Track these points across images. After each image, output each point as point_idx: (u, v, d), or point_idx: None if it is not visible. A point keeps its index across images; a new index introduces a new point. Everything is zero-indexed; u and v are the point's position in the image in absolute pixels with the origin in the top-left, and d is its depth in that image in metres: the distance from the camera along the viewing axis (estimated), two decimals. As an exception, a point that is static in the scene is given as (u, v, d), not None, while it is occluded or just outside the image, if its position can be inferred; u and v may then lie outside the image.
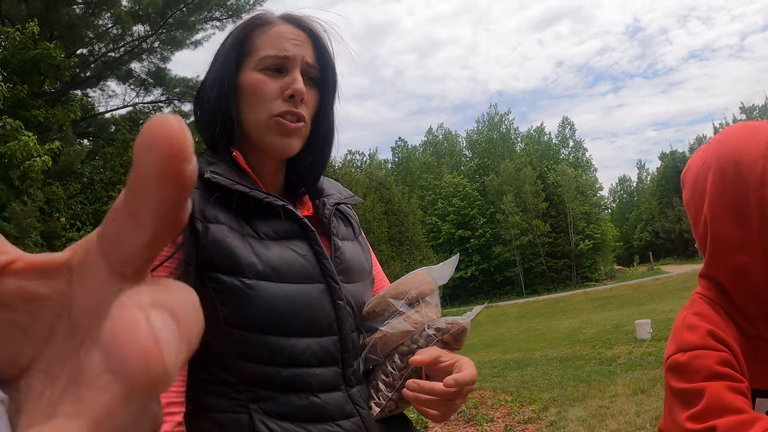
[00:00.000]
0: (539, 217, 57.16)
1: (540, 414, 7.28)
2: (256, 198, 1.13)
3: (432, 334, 1.19)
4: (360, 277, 1.28)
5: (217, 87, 1.22)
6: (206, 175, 1.11)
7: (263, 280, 1.08)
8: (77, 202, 16.26)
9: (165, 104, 22.85)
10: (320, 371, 1.13)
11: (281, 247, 1.14)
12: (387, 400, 1.18)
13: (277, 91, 1.18)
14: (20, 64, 15.47)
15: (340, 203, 1.34)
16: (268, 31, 1.22)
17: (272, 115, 1.18)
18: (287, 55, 1.19)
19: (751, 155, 1.13)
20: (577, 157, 77.17)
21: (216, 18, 21.49)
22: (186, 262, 1.06)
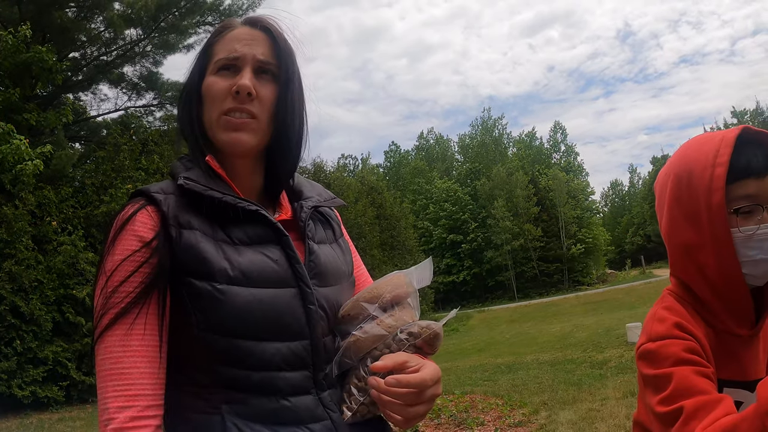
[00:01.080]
0: (531, 221, 57.24)
1: (530, 417, 7.31)
2: (227, 203, 1.15)
3: (404, 338, 1.19)
4: (336, 280, 1.28)
5: (185, 95, 1.28)
6: (179, 181, 1.16)
7: (234, 285, 1.10)
8: (69, 205, 16.19)
9: (157, 108, 22.84)
10: (290, 375, 1.14)
11: (254, 252, 1.16)
12: (359, 405, 1.18)
13: (226, 89, 1.21)
14: (12, 67, 15.42)
15: (318, 206, 1.35)
16: (225, 36, 1.26)
17: (221, 113, 1.21)
18: (237, 55, 1.22)
19: (700, 164, 1.27)
20: (569, 162, 77.32)
21: (208, 22, 21.46)
22: (160, 265, 1.09)
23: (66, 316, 14.65)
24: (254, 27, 1.27)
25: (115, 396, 1.03)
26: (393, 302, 1.23)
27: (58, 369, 14.22)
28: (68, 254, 14.82)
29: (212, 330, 1.09)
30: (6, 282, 13.56)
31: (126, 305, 1.07)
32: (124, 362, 1.05)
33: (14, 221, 13.92)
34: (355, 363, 1.21)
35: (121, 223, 1.13)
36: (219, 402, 1.10)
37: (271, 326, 1.12)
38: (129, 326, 1.07)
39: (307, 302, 1.17)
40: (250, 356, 1.10)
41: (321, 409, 1.16)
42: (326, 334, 1.21)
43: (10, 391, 13.18)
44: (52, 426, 11.85)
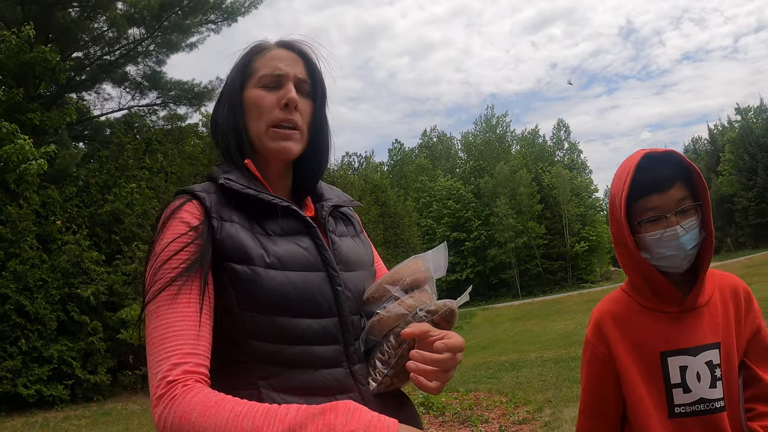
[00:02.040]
0: (534, 219, 57.25)
1: (535, 415, 7.32)
2: (263, 200, 1.31)
3: (423, 315, 1.30)
4: (359, 267, 1.45)
5: (226, 106, 1.44)
6: (220, 181, 1.31)
7: (270, 269, 1.25)
8: (73, 205, 16.23)
9: (160, 107, 22.87)
10: (322, 349, 1.27)
11: (287, 241, 1.31)
12: (383, 377, 1.31)
13: (274, 102, 1.39)
14: (16, 67, 15.45)
15: (337, 206, 1.53)
16: (265, 55, 1.45)
17: (270, 124, 1.39)
18: (281, 73, 1.41)
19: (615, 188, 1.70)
20: (572, 159, 77.24)
21: (211, 21, 21.49)
22: (203, 247, 1.23)
23: (71, 315, 14.70)
24: (291, 50, 1.46)
25: (169, 355, 1.13)
26: (412, 285, 1.37)
27: (63, 368, 14.27)
28: (73, 253, 14.86)
29: (251, 308, 1.23)
30: (11, 281, 13.61)
31: (176, 275, 1.19)
32: (175, 327, 1.16)
33: (19, 221, 13.97)
34: (379, 339, 1.34)
35: (169, 212, 1.29)
36: (255, 378, 1.23)
37: (303, 305, 1.26)
38: (174, 296, 1.19)
39: (335, 284, 1.32)
40: (284, 331, 1.24)
41: (351, 381, 1.29)
42: (354, 312, 1.36)
43: (16, 390, 13.24)
44: (57, 425, 11.90)
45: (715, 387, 1.62)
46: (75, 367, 14.38)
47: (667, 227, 1.62)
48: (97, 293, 14.98)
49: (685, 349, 1.65)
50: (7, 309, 13.44)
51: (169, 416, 1.06)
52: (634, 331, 1.72)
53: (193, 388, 1.09)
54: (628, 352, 1.72)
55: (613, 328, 1.76)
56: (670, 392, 1.65)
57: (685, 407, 1.64)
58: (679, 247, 1.62)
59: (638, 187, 1.64)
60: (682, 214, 1.63)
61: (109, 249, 16.44)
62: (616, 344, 1.74)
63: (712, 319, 1.67)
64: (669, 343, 1.67)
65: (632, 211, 1.68)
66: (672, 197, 1.63)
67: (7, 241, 13.89)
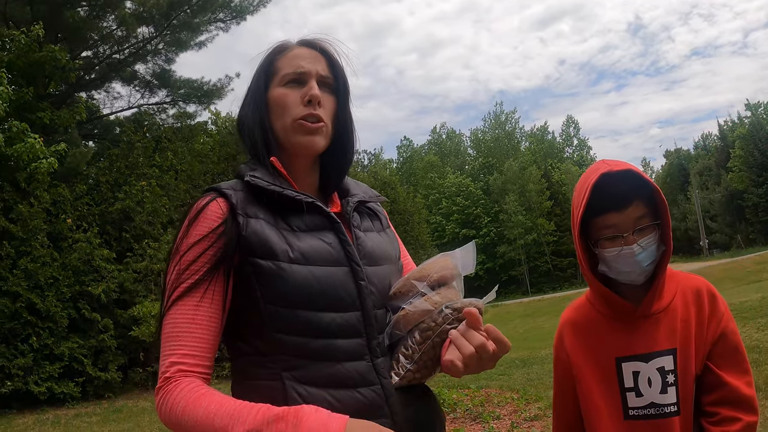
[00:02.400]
0: (544, 215, 57.13)
1: (546, 411, 7.28)
2: (288, 196, 1.34)
3: (449, 313, 1.30)
4: (384, 261, 1.46)
5: (252, 105, 1.48)
6: (246, 178, 1.35)
7: (294, 264, 1.27)
8: (83, 203, 16.29)
9: (170, 105, 22.91)
10: (344, 342, 1.29)
11: (311, 237, 1.34)
12: (406, 371, 1.31)
13: (298, 99, 1.42)
14: (25, 66, 15.50)
15: (362, 201, 1.54)
16: (287, 54, 1.48)
17: (295, 119, 1.41)
18: (303, 70, 1.44)
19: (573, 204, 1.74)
20: (582, 156, 77.06)
21: (220, 19, 21.52)
22: (226, 246, 1.27)
23: (82, 312, 14.76)
24: (312, 48, 1.49)
25: (170, 354, 1.23)
26: (439, 282, 1.37)
27: (74, 365, 14.33)
28: (83, 251, 14.91)
29: (275, 302, 1.26)
30: (22, 279, 13.67)
31: (194, 282, 1.26)
32: (181, 327, 1.25)
33: (29, 219, 14.03)
34: (403, 334, 1.35)
35: (195, 212, 1.33)
36: (280, 369, 1.26)
37: (326, 299, 1.28)
38: (192, 298, 1.26)
39: (358, 278, 1.34)
40: (308, 325, 1.26)
41: (373, 374, 1.30)
42: (378, 306, 1.37)
43: (27, 387, 13.31)
44: (69, 422, 11.93)
45: (667, 392, 1.65)
46: (86, 365, 14.45)
47: (624, 245, 1.65)
48: (108, 291, 15.04)
49: (638, 355, 1.70)
50: (19, 307, 13.50)
51: (163, 408, 1.21)
52: (591, 337, 1.79)
53: (181, 384, 1.21)
54: (585, 358, 1.78)
55: (572, 335, 1.84)
56: (625, 396, 1.70)
57: (637, 410, 1.68)
58: (635, 264, 1.66)
59: (596, 205, 1.66)
60: (640, 232, 1.66)
61: (119, 247, 16.50)
62: (574, 350, 1.81)
63: (669, 325, 1.70)
64: (623, 350, 1.72)
65: (591, 228, 1.73)
66: (629, 216, 1.66)
67: (18, 239, 13.96)
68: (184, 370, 1.22)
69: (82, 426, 11.38)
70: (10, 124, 13.80)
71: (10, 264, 13.79)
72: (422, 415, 1.38)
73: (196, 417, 1.15)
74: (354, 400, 1.25)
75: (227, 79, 22.46)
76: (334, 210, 1.48)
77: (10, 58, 15.09)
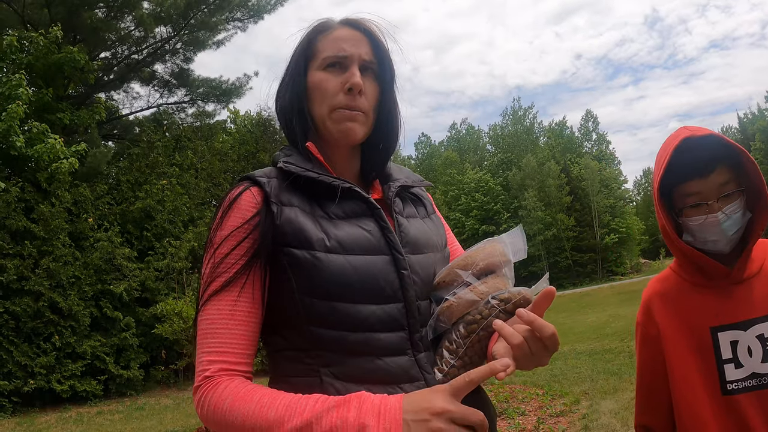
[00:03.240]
0: (563, 211, 56.80)
1: (572, 407, 7.21)
2: (324, 182, 1.27)
3: (496, 304, 1.21)
4: (428, 249, 1.36)
5: (290, 88, 1.40)
6: (279, 164, 1.30)
7: (331, 253, 1.20)
8: (104, 202, 16.40)
9: (189, 105, 23.02)
10: (385, 336, 1.21)
11: (350, 224, 1.26)
12: (450, 367, 1.22)
13: (338, 86, 1.33)
14: (44, 68, 15.64)
15: (405, 186, 1.46)
16: (329, 35, 1.38)
17: (333, 108, 1.32)
18: (345, 54, 1.34)
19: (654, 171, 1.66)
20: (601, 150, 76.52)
21: (237, 18, 21.58)
22: (262, 237, 1.21)
23: (104, 311, 14.86)
24: (355, 29, 1.38)
25: (209, 352, 1.18)
26: (486, 270, 1.27)
27: (96, 363, 14.44)
28: (105, 250, 15.01)
29: (311, 294, 1.19)
30: (44, 279, 13.77)
31: (230, 276, 1.21)
32: (218, 324, 1.19)
33: (51, 219, 14.13)
34: (448, 327, 1.25)
35: (228, 202, 1.26)
36: (317, 365, 1.20)
37: (366, 290, 1.20)
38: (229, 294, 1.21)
39: (400, 268, 1.25)
40: (346, 317, 1.19)
41: (416, 369, 1.22)
42: (421, 298, 1.28)
43: (50, 386, 13.42)
44: (91, 419, 12.01)
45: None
46: (108, 363, 14.55)
47: (708, 213, 1.58)
48: (129, 289, 15.14)
49: (735, 324, 1.60)
50: (41, 306, 13.61)
51: (205, 405, 1.15)
52: (683, 309, 1.69)
53: (223, 382, 1.15)
54: (677, 330, 1.68)
55: (662, 308, 1.73)
56: (722, 368, 1.60)
57: (737, 383, 1.58)
58: (720, 233, 1.59)
59: (678, 172, 1.60)
60: (725, 199, 1.58)
61: (140, 245, 16.60)
62: (664, 324, 1.71)
63: (763, 290, 1.61)
64: (718, 318, 1.62)
65: (674, 196, 1.67)
66: (713, 182, 1.58)
67: (40, 239, 14.06)
68: (226, 369, 1.17)
69: (105, 423, 11.44)
70: (30, 126, 13.93)
71: (33, 263, 13.89)
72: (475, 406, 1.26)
73: (247, 412, 1.09)
74: None
75: (245, 78, 22.56)
76: (376, 196, 1.40)
77: (29, 60, 15.23)
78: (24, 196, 14.14)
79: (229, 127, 25.06)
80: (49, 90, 15.55)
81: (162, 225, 16.72)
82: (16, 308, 13.37)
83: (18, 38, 14.92)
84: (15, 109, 13.15)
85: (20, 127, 13.65)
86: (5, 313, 13.34)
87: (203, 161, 19.23)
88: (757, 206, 1.60)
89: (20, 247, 13.83)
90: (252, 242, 1.21)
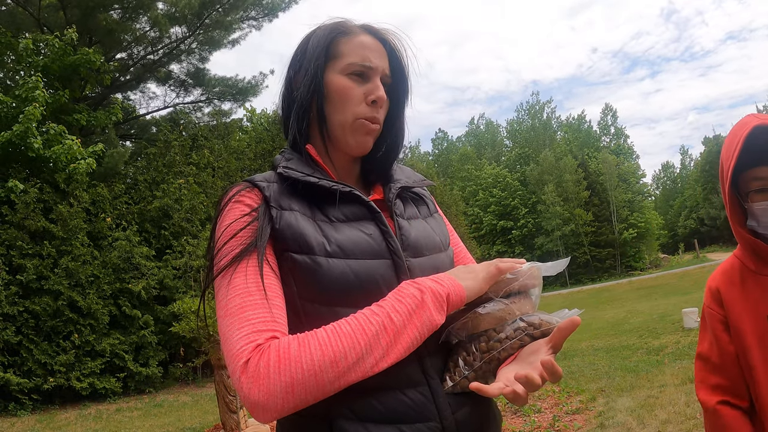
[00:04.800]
0: (581, 206, 56.46)
1: (588, 404, 7.18)
2: (323, 186, 1.26)
3: (523, 326, 1.20)
4: (430, 251, 1.35)
5: (305, 86, 1.36)
6: (279, 170, 1.29)
7: (332, 258, 1.19)
8: (122, 202, 16.51)
9: (205, 104, 23.13)
10: None
11: (351, 228, 1.26)
12: (462, 378, 1.21)
13: (362, 96, 1.33)
14: (60, 70, 15.77)
15: (405, 187, 1.44)
16: (352, 40, 1.36)
17: (357, 117, 1.32)
18: (371, 65, 1.34)
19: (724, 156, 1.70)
20: (619, 144, 76.02)
21: (252, 17, 21.64)
22: (260, 229, 1.21)
23: (122, 309, 14.96)
24: (378, 39, 1.38)
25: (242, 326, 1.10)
26: (518, 290, 1.26)
27: (115, 361, 14.55)
28: (123, 249, 15.11)
29: (312, 299, 1.18)
30: (63, 278, 13.89)
31: (242, 250, 1.18)
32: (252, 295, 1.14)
33: (69, 219, 14.24)
34: (463, 337, 1.24)
35: (227, 198, 1.27)
36: None
37: (367, 295, 1.19)
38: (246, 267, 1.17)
39: (401, 272, 1.24)
40: None
41: (420, 374, 1.21)
42: None
43: (69, 383, 13.54)
44: (110, 417, 12.11)
45: None
46: (127, 360, 14.65)
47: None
48: (147, 288, 15.23)
49: None
50: (60, 305, 13.73)
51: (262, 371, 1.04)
52: (744, 295, 1.74)
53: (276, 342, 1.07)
54: (741, 317, 1.73)
55: (727, 293, 1.78)
56: None
57: None
58: None
59: (747, 157, 1.65)
60: None
61: (158, 244, 16.69)
62: (732, 308, 1.75)
63: None
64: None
65: (741, 182, 1.72)
66: None
67: (58, 239, 14.18)
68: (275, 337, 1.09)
69: (124, 420, 11.53)
70: (47, 127, 14.06)
71: (52, 263, 14.02)
72: (476, 416, 1.27)
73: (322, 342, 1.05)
74: (399, 403, 1.16)
75: (261, 77, 22.64)
76: (376, 197, 1.40)
77: (45, 62, 15.36)
78: (42, 197, 14.26)
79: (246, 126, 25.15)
80: (65, 92, 15.68)
81: (179, 224, 16.81)
82: (35, 307, 13.50)
83: (34, 41, 15.05)
84: (32, 111, 13.28)
85: (38, 128, 13.78)
86: (25, 312, 13.47)
87: (220, 160, 19.30)
88: None
89: (39, 247, 13.96)
90: (251, 232, 1.20)
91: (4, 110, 13.85)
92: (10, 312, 13.15)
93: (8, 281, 13.34)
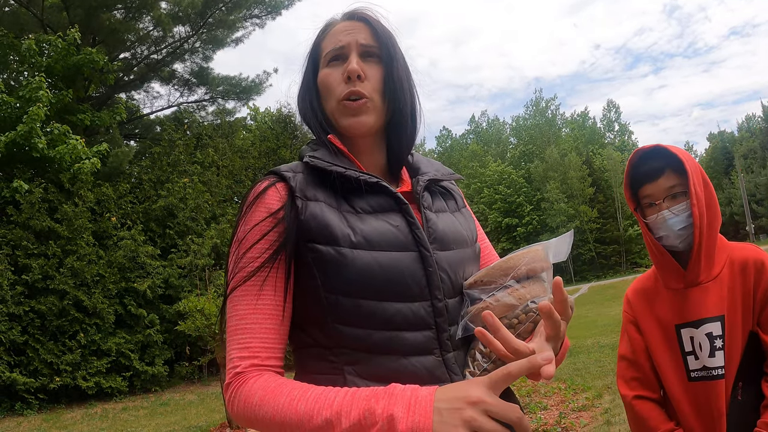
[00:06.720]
0: (586, 202, 56.38)
1: (594, 401, 7.15)
2: (350, 176, 1.24)
3: (534, 309, 1.18)
4: (458, 245, 1.33)
5: (303, 90, 1.42)
6: (305, 159, 1.27)
7: (357, 249, 1.18)
8: (127, 201, 16.53)
9: (209, 103, 23.16)
10: (411, 335, 1.18)
11: (377, 219, 1.23)
12: (482, 371, 1.19)
13: (340, 77, 1.32)
14: (64, 70, 15.79)
15: (434, 179, 1.42)
16: (329, 32, 1.39)
17: (339, 100, 1.32)
18: (342, 44, 1.34)
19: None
20: (623, 141, 75.86)
21: (255, 15, 21.63)
22: (286, 231, 1.20)
23: (128, 308, 15.00)
24: (353, 19, 1.38)
25: (240, 348, 1.16)
26: (527, 275, 1.23)
27: (121, 360, 14.58)
28: (128, 248, 15.14)
29: (336, 291, 1.17)
30: (69, 277, 13.92)
31: (253, 269, 1.19)
32: (248, 319, 1.18)
33: (74, 218, 14.27)
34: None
35: (253, 197, 1.25)
36: (342, 363, 1.18)
37: (392, 287, 1.18)
38: (254, 287, 1.19)
39: (427, 265, 1.22)
40: (371, 316, 1.17)
41: (443, 370, 1.19)
42: (450, 296, 1.25)
43: (75, 382, 13.58)
44: (116, 415, 12.14)
45: (714, 356, 1.83)
46: (133, 359, 14.68)
47: (658, 212, 1.90)
48: (153, 287, 15.26)
49: (690, 322, 1.89)
50: (66, 304, 13.76)
51: (235, 402, 1.13)
52: (655, 305, 1.99)
53: (252, 378, 1.13)
54: (650, 324, 1.99)
55: (639, 302, 2.05)
56: (686, 359, 1.90)
57: (696, 372, 1.88)
58: (668, 228, 1.89)
59: (636, 179, 1.97)
60: (672, 199, 1.89)
61: (163, 243, 16.73)
62: (641, 317, 2.02)
63: (717, 293, 1.86)
64: (680, 317, 1.91)
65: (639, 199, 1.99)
66: (661, 186, 1.90)
67: (64, 238, 14.21)
68: (256, 364, 1.15)
69: (130, 419, 11.56)
70: (51, 127, 14.08)
71: (57, 263, 14.05)
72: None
73: (276, 406, 1.07)
74: None
75: (265, 75, 22.66)
76: (404, 189, 1.37)
77: (49, 62, 15.38)
78: (47, 196, 14.29)
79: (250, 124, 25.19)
80: (69, 92, 15.71)
81: (184, 222, 16.84)
82: (41, 307, 13.54)
83: (37, 41, 15.08)
84: (36, 111, 13.31)
85: (42, 129, 13.80)
86: (31, 311, 13.52)
87: (224, 159, 19.33)
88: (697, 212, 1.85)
89: (44, 247, 14.01)
90: (277, 235, 1.20)
91: (8, 111, 13.89)
92: (16, 312, 13.20)
93: (14, 281, 13.38)
